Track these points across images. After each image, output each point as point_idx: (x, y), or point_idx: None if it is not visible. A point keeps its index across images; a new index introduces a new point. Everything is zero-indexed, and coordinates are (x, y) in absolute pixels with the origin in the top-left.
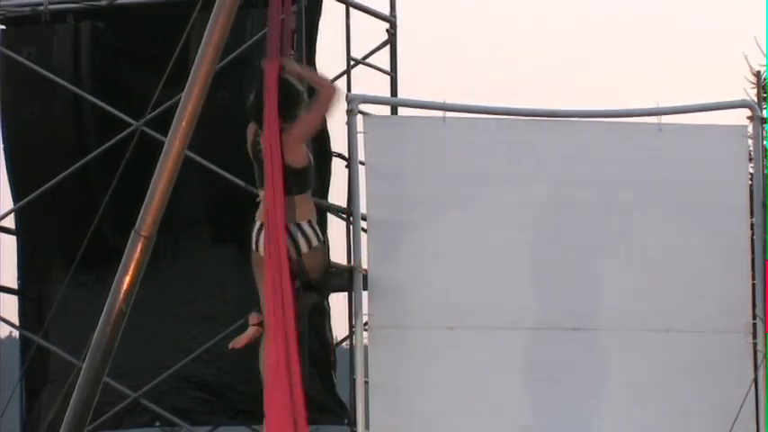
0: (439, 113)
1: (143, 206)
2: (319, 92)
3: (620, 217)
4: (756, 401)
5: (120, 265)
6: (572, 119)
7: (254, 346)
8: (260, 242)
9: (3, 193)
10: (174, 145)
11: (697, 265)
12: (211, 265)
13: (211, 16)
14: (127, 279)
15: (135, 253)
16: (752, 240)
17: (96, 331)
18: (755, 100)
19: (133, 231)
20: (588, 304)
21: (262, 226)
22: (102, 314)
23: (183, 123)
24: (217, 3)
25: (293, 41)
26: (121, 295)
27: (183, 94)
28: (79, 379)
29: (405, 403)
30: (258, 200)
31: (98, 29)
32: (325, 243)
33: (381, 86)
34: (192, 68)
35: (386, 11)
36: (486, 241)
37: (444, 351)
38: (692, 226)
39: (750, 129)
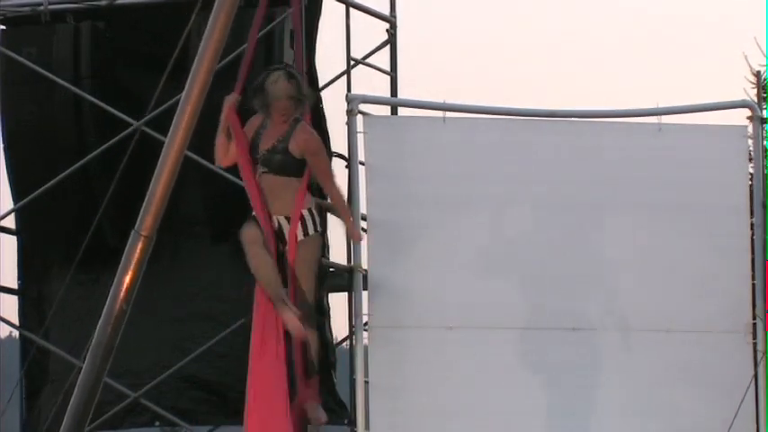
0: (439, 113)
1: (143, 206)
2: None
3: (620, 217)
4: (756, 401)
5: (121, 265)
6: (572, 119)
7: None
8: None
9: (3, 193)
10: (174, 145)
11: (697, 265)
12: (211, 264)
13: (211, 16)
14: (127, 278)
15: (135, 252)
16: (752, 240)
17: (97, 330)
18: (755, 100)
19: (133, 231)
20: (588, 304)
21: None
22: (103, 313)
23: (183, 123)
24: (216, 3)
25: (292, 41)
26: (122, 294)
27: (183, 94)
28: (79, 378)
29: (405, 403)
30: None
31: (98, 29)
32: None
33: (381, 86)
34: (192, 69)
35: (386, 11)
36: (485, 241)
37: (444, 351)
38: (692, 226)
39: (750, 129)
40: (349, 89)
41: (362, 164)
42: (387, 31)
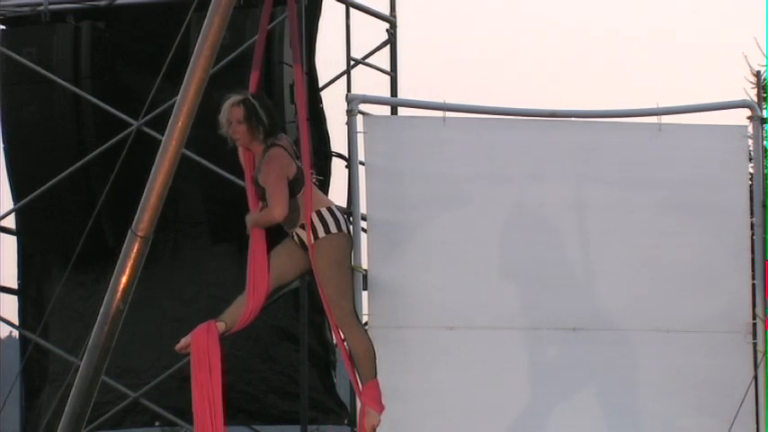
0: (439, 113)
1: (140, 206)
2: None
3: (620, 217)
4: (756, 401)
5: (117, 265)
6: (572, 119)
7: (255, 346)
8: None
9: (3, 193)
10: (171, 145)
11: (697, 265)
12: (211, 264)
13: (207, 16)
14: (124, 279)
15: (132, 253)
16: (752, 240)
17: (94, 330)
18: (755, 100)
19: (130, 231)
20: (588, 304)
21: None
22: (99, 314)
23: (180, 123)
24: (212, 3)
25: (300, 42)
26: (118, 295)
27: (179, 94)
28: (77, 378)
29: (405, 403)
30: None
31: (98, 29)
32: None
33: (381, 86)
34: (188, 69)
35: (386, 11)
36: (486, 241)
37: (444, 351)
38: (692, 226)
39: (750, 129)
40: (349, 89)
41: (362, 164)
42: (387, 31)
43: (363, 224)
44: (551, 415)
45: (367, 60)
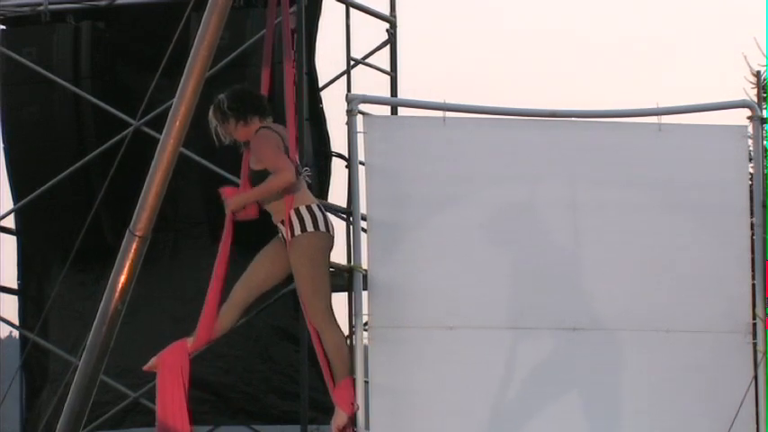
0: (439, 113)
1: (137, 206)
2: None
3: (620, 217)
4: (756, 401)
5: (115, 265)
6: (572, 119)
7: (255, 346)
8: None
9: (3, 193)
10: (168, 144)
11: (697, 265)
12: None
13: (204, 16)
14: (122, 279)
15: (130, 252)
16: (752, 240)
17: (92, 330)
18: (755, 100)
19: (128, 231)
20: (588, 304)
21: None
22: (98, 314)
23: (177, 123)
24: (209, 3)
25: (293, 41)
26: (117, 294)
27: (177, 94)
28: (75, 378)
29: (405, 403)
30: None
31: (98, 29)
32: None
33: (381, 86)
34: (186, 68)
35: (386, 11)
36: (485, 241)
37: (444, 351)
38: (692, 226)
39: (750, 129)
40: (349, 89)
41: (362, 164)
42: (387, 31)
43: (363, 224)
44: (551, 415)
45: (367, 60)
